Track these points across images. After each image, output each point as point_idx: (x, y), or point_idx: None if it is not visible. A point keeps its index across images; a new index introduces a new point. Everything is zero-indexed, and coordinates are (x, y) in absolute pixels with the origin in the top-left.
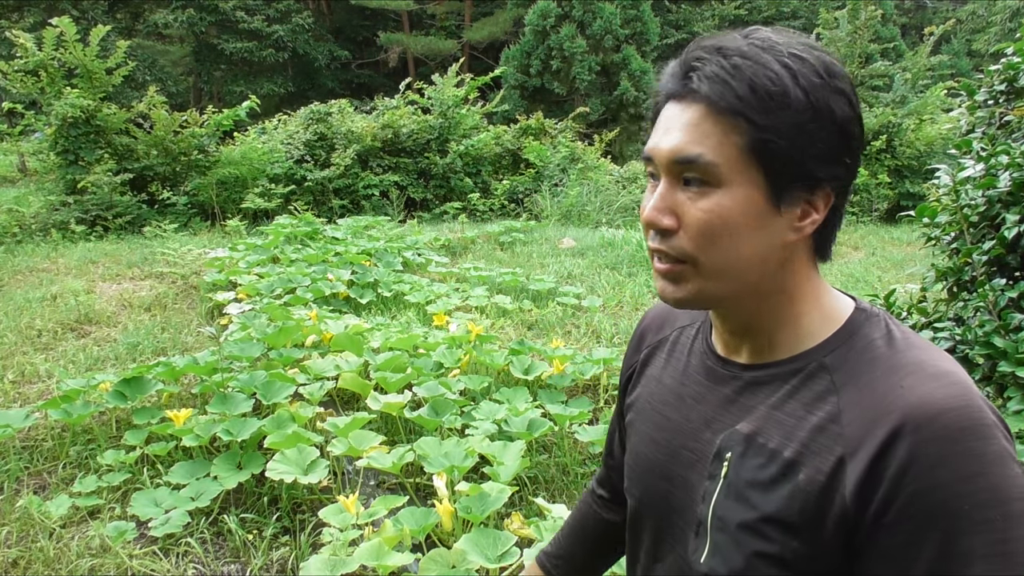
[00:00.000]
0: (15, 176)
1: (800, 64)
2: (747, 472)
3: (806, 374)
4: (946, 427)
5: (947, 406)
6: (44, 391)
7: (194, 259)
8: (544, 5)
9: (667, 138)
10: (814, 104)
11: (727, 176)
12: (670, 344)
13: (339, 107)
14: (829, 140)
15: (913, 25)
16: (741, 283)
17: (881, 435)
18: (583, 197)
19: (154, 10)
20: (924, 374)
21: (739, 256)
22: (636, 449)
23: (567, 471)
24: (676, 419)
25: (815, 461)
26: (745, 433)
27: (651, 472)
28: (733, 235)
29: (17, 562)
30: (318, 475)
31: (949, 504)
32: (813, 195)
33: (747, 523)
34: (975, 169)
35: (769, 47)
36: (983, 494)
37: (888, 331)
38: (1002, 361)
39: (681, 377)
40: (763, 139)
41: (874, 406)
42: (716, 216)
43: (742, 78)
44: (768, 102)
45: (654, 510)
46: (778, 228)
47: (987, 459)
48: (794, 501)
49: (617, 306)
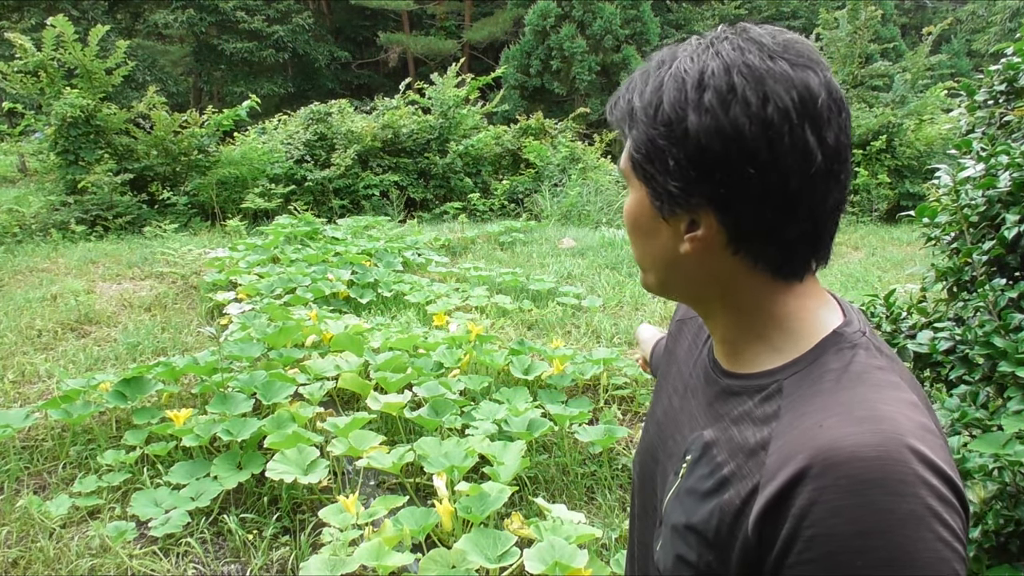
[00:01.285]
0: (15, 176)
1: (672, 78)
2: (692, 479)
3: (765, 394)
4: (849, 476)
5: (857, 455)
6: (44, 391)
7: (194, 259)
8: (544, 5)
9: None
10: (667, 120)
11: (627, 180)
12: (698, 327)
13: (339, 107)
14: (683, 156)
15: (913, 25)
16: (670, 282)
17: (788, 473)
18: (583, 197)
19: (154, 10)
20: (849, 416)
21: (647, 253)
22: (647, 425)
23: (567, 471)
24: (676, 407)
25: (738, 484)
26: (705, 440)
27: (648, 451)
28: (635, 232)
29: (17, 562)
30: (318, 475)
31: (841, 557)
32: (693, 210)
33: (677, 526)
34: (975, 169)
35: (657, 67)
36: (881, 552)
37: (849, 362)
38: (1002, 361)
39: (692, 367)
40: (630, 152)
41: (793, 441)
42: (625, 213)
43: (628, 98)
44: (628, 116)
45: (643, 487)
46: (669, 235)
47: (892, 517)
48: (712, 518)
49: (617, 306)
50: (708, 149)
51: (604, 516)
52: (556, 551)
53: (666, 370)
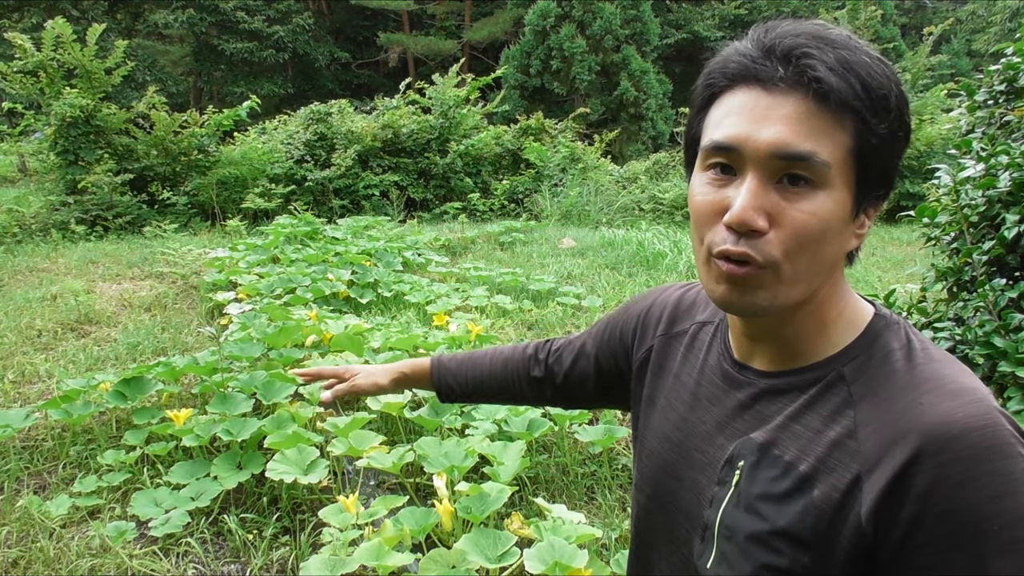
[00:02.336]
0: (15, 176)
1: (889, 69)
2: (760, 483)
3: (824, 384)
4: (970, 447)
5: (969, 425)
6: (44, 391)
7: (194, 259)
8: (544, 5)
9: (767, 130)
10: (902, 112)
11: (833, 178)
12: (688, 339)
13: (339, 107)
14: (903, 149)
15: (913, 25)
16: (812, 289)
17: (901, 455)
18: (583, 197)
19: (154, 10)
20: (944, 391)
21: (821, 263)
22: (650, 446)
23: (567, 471)
24: (691, 419)
25: (831, 477)
26: (760, 442)
27: (663, 470)
28: (823, 240)
29: (17, 562)
30: (318, 475)
31: (979, 525)
32: (876, 201)
33: (757, 535)
34: (975, 169)
35: (856, 46)
36: (1012, 514)
37: (908, 341)
38: (1002, 361)
39: (698, 376)
40: (871, 142)
41: (892, 423)
42: (818, 219)
43: (856, 75)
44: (879, 104)
45: (662, 508)
46: (849, 234)
47: (1014, 478)
48: (807, 516)
49: (617, 306)
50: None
51: (604, 516)
52: (556, 551)
53: (661, 385)
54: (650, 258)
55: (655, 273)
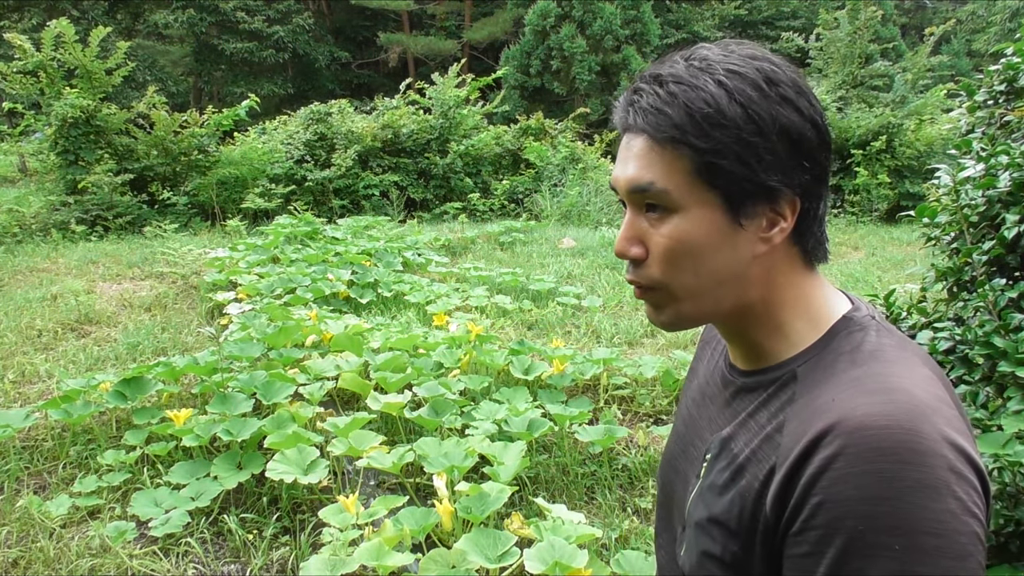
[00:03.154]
0: (15, 176)
1: (736, 79)
2: (713, 474)
3: (780, 384)
4: (859, 444)
5: (867, 423)
6: (44, 391)
7: (194, 259)
8: (544, 5)
9: (623, 169)
10: (754, 118)
11: (681, 200)
12: (716, 341)
13: (339, 107)
14: (778, 149)
15: (913, 25)
16: (720, 300)
17: (800, 447)
18: (583, 197)
19: (154, 10)
20: (862, 389)
21: (708, 275)
22: (668, 440)
23: (567, 471)
24: (695, 416)
25: (755, 469)
26: (723, 436)
27: (669, 463)
28: (697, 256)
29: (17, 562)
30: (318, 475)
31: (846, 522)
32: (776, 204)
33: (700, 522)
34: (975, 169)
35: (705, 67)
36: (885, 519)
37: (860, 343)
38: (1002, 361)
39: (709, 376)
40: (707, 161)
41: (807, 419)
42: (676, 240)
43: (677, 104)
44: (704, 124)
45: (666, 499)
46: (744, 242)
47: (902, 485)
48: (734, 506)
49: (617, 306)
50: (801, 137)
51: (604, 516)
52: (556, 551)
53: (687, 387)
54: None
55: None
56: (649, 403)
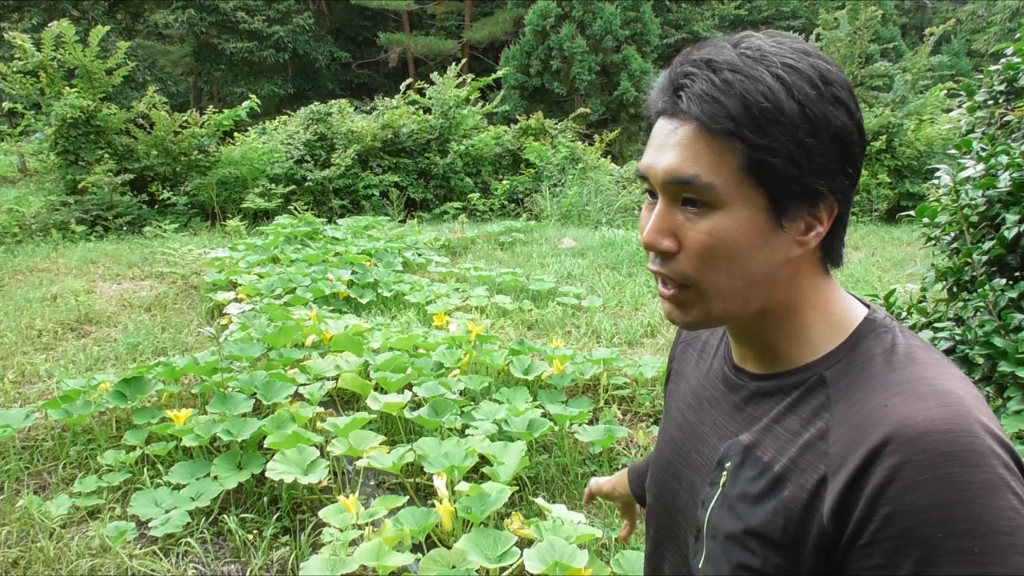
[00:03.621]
0: (15, 176)
1: (794, 75)
2: (740, 483)
3: (806, 387)
4: (925, 451)
5: (930, 428)
6: (44, 391)
7: (194, 259)
8: (544, 5)
9: (662, 157)
10: (811, 117)
11: (725, 197)
12: (702, 343)
13: (339, 107)
14: (828, 152)
15: (913, 25)
16: (747, 302)
17: (861, 456)
18: (583, 197)
19: (154, 10)
20: (913, 393)
21: (742, 276)
22: (659, 445)
23: (567, 471)
24: (693, 421)
25: (800, 478)
26: (745, 444)
27: (666, 471)
28: (734, 256)
29: (17, 562)
30: (318, 475)
31: (922, 531)
32: (816, 208)
33: (733, 534)
34: (975, 169)
35: (760, 58)
36: (961, 523)
37: (892, 345)
38: (1002, 361)
39: (703, 379)
40: (759, 158)
41: (858, 425)
42: (716, 238)
43: (733, 95)
44: (762, 119)
45: (665, 508)
46: (781, 244)
47: (971, 487)
48: (777, 517)
49: (617, 306)
50: (850, 141)
51: (604, 516)
52: (556, 551)
53: (673, 390)
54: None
55: None
56: (649, 403)
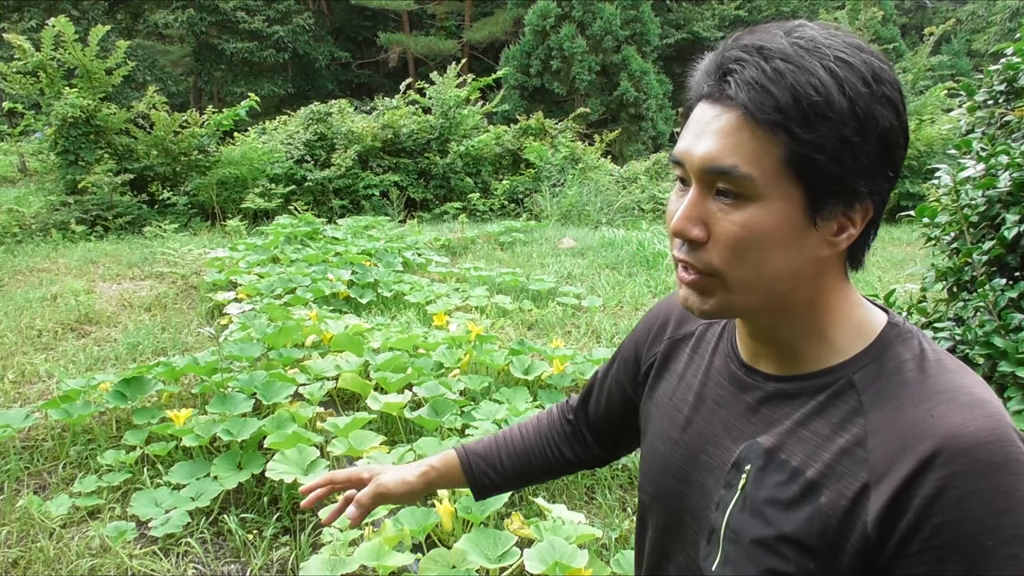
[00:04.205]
0: (15, 176)
1: (846, 70)
2: (767, 488)
3: (833, 391)
4: (978, 461)
5: (980, 439)
6: (44, 391)
7: (194, 259)
8: (544, 5)
9: (700, 144)
10: (859, 115)
11: (763, 190)
12: (695, 340)
13: (339, 107)
14: (872, 152)
15: (913, 25)
16: (769, 297)
17: (909, 464)
18: (583, 197)
19: (154, 10)
20: (957, 403)
21: (769, 272)
22: (653, 445)
23: None
24: (696, 421)
25: (838, 485)
26: (767, 447)
27: (667, 471)
28: (764, 251)
29: (17, 562)
30: (318, 475)
31: (975, 539)
32: (851, 208)
33: (763, 539)
34: (975, 169)
35: (814, 49)
36: (1010, 530)
37: (921, 351)
38: (1002, 361)
39: (703, 377)
40: (804, 153)
41: (903, 434)
42: (749, 231)
43: (784, 85)
44: (811, 113)
45: (667, 509)
46: (812, 243)
47: (1017, 495)
48: (814, 523)
49: (617, 306)
50: (895, 143)
51: (604, 516)
52: (556, 551)
53: (654, 387)
54: (650, 258)
55: (655, 273)
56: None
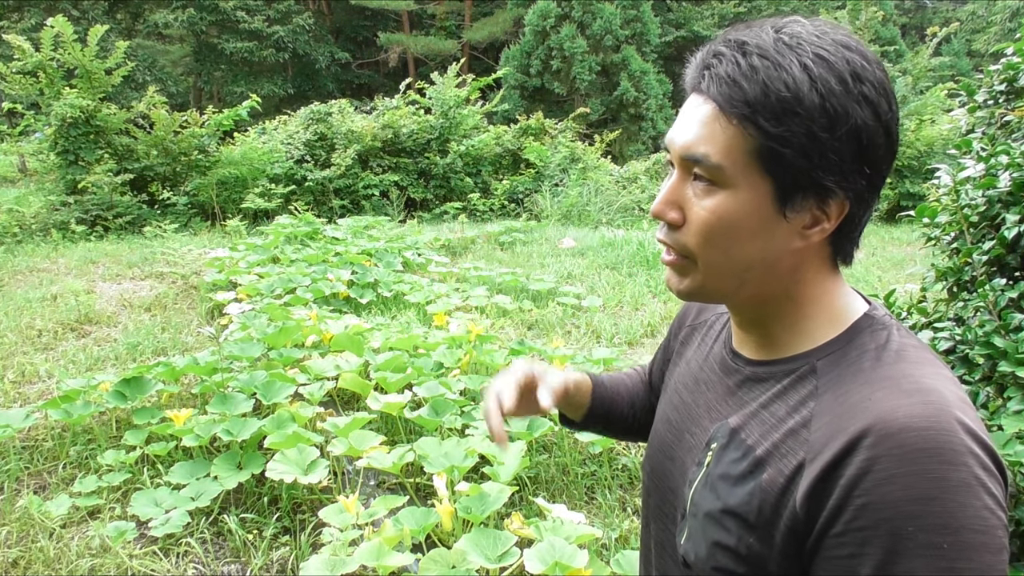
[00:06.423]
0: (15, 176)
1: (822, 67)
2: (723, 464)
3: (797, 376)
4: (903, 445)
5: (911, 424)
6: (44, 391)
7: (194, 259)
8: (544, 5)
9: (681, 132)
10: (830, 112)
11: (732, 179)
12: (706, 328)
13: (339, 107)
14: (843, 150)
15: (913, 25)
16: (744, 283)
17: (838, 444)
18: (583, 197)
19: (154, 10)
20: (898, 389)
21: (739, 258)
22: (656, 426)
23: (567, 471)
24: (688, 402)
25: (780, 463)
26: (732, 427)
27: (661, 450)
28: (732, 237)
29: (17, 562)
30: (318, 475)
31: (894, 523)
32: (825, 203)
33: (711, 512)
34: (975, 169)
35: (795, 45)
36: (933, 519)
37: (886, 341)
38: (1002, 361)
39: (703, 362)
40: (771, 146)
41: (840, 416)
42: (717, 217)
43: (756, 80)
44: (779, 108)
45: (659, 487)
46: (782, 234)
47: (946, 484)
48: (753, 498)
49: (617, 306)
50: (872, 142)
51: (604, 516)
52: (556, 551)
53: (670, 372)
54: (650, 258)
55: (655, 273)
56: None
